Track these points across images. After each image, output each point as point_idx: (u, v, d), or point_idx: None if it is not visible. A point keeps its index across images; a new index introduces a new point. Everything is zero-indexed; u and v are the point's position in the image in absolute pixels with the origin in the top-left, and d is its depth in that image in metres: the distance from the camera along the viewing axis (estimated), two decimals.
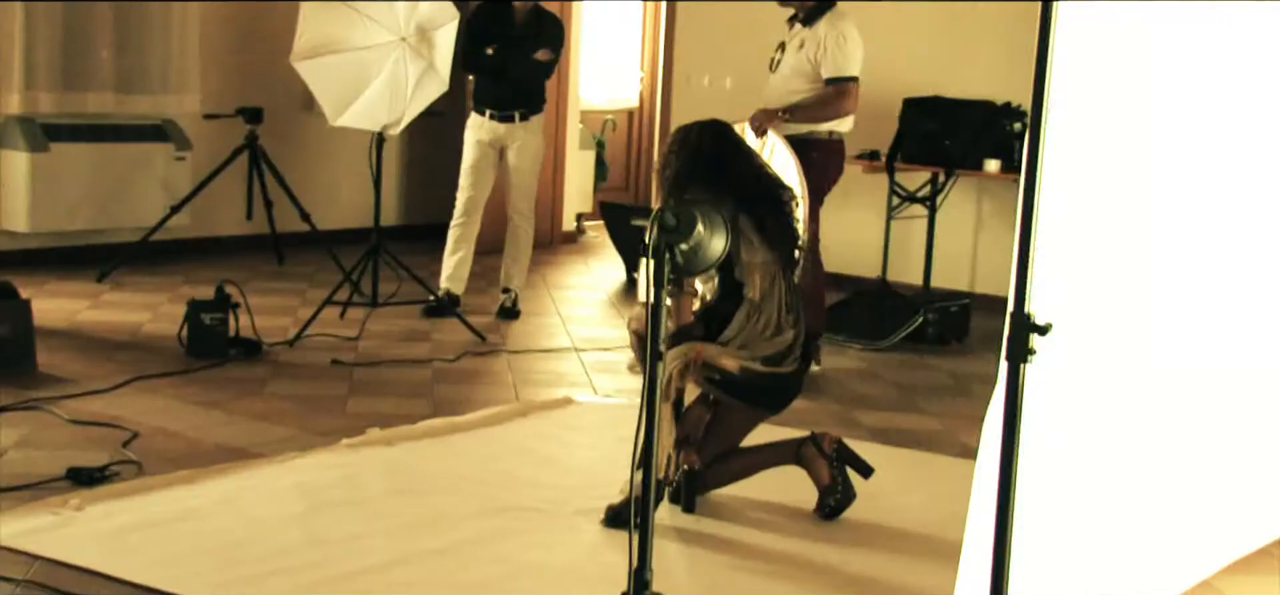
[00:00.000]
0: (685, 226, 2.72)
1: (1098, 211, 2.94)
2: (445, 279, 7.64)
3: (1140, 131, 3.02)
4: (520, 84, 7.53)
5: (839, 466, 4.54)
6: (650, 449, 2.77)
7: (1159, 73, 3.05)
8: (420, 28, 6.92)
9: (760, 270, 4.49)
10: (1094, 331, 3.00)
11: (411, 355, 6.65)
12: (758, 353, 4.44)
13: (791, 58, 6.55)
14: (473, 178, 7.61)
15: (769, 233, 4.52)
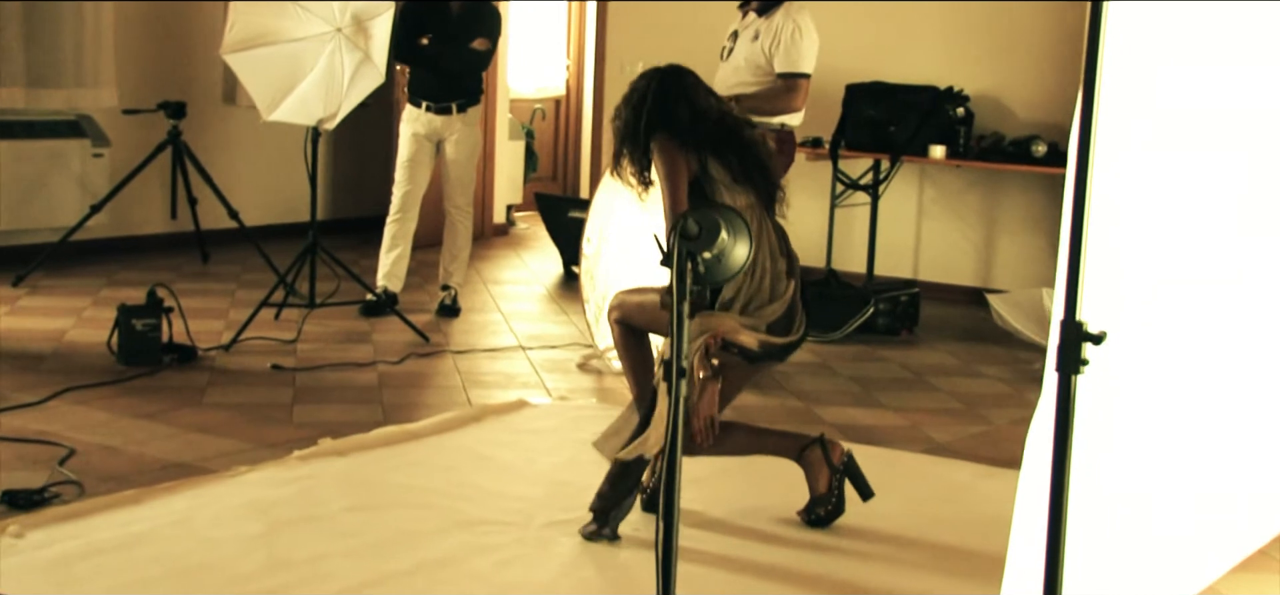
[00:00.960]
0: (708, 234, 2.54)
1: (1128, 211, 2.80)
2: (382, 277, 7.41)
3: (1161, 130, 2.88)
4: (457, 75, 7.31)
5: (839, 479, 4.37)
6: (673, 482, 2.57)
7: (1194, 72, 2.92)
8: (356, 18, 6.67)
9: (745, 214, 4.24)
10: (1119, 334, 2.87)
11: (354, 358, 6.42)
12: (765, 317, 4.22)
13: (745, 47, 6.37)
14: (409, 172, 7.38)
15: (740, 174, 4.32)
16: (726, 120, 4.39)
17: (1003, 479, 4.96)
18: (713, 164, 4.28)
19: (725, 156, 4.31)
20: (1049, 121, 8.07)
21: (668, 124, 4.31)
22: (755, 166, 4.36)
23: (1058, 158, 7.70)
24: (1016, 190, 8.28)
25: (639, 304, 4.53)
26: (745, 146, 4.37)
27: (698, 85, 4.45)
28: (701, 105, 4.38)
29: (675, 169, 4.26)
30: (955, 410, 5.92)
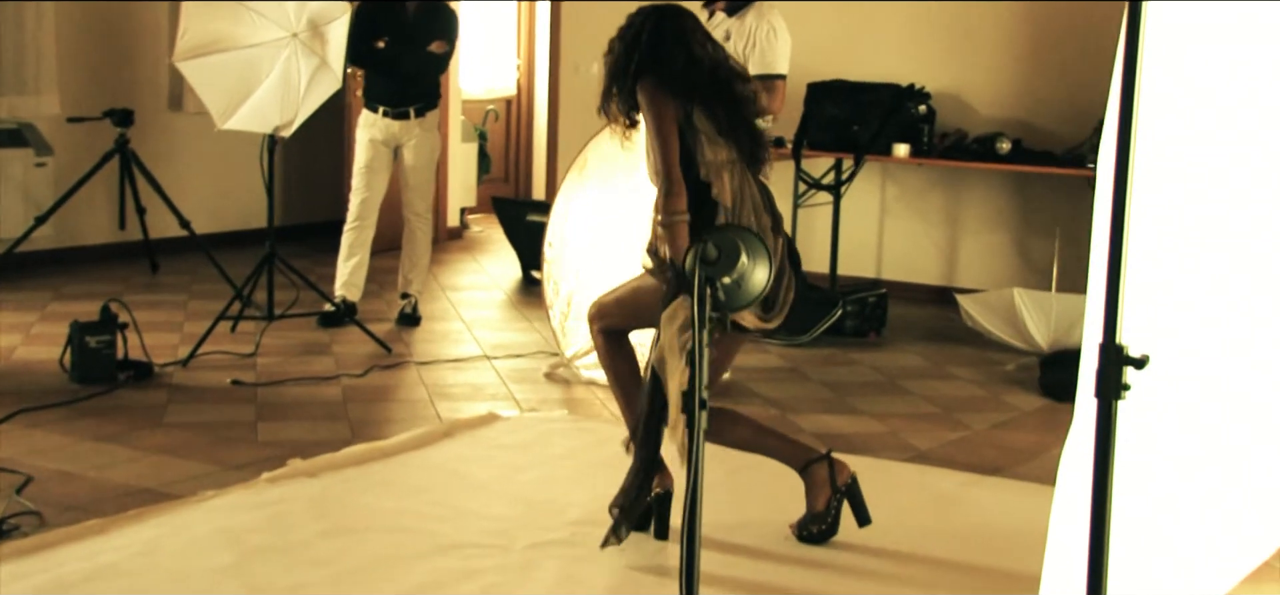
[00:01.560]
0: (728, 258, 2.42)
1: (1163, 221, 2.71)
2: (341, 286, 7.24)
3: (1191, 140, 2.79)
4: (414, 78, 7.16)
5: (838, 500, 4.25)
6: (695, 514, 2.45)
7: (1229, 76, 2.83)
8: (312, 22, 6.51)
9: (728, 170, 4.13)
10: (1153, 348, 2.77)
11: (316, 371, 6.25)
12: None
13: None
14: (366, 179, 7.22)
15: (726, 127, 4.16)
16: (720, 71, 4.21)
17: (988, 487, 4.89)
18: (699, 114, 4.11)
19: (712, 108, 4.14)
20: (1011, 118, 8.02)
21: (660, 67, 4.13)
22: (741, 122, 4.20)
23: (1022, 155, 7.65)
24: (979, 188, 8.22)
25: (618, 301, 4.38)
26: (735, 101, 4.20)
27: (696, 29, 4.25)
28: (697, 52, 4.19)
29: (664, 120, 4.08)
30: (932, 415, 5.84)
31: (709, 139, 4.12)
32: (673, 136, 4.08)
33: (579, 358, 6.28)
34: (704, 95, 4.14)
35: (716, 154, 4.12)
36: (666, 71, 4.13)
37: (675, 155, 4.07)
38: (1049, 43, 7.97)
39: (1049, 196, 7.94)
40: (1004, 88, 8.13)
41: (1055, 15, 7.94)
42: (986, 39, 8.17)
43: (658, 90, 4.11)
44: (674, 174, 4.06)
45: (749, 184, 4.18)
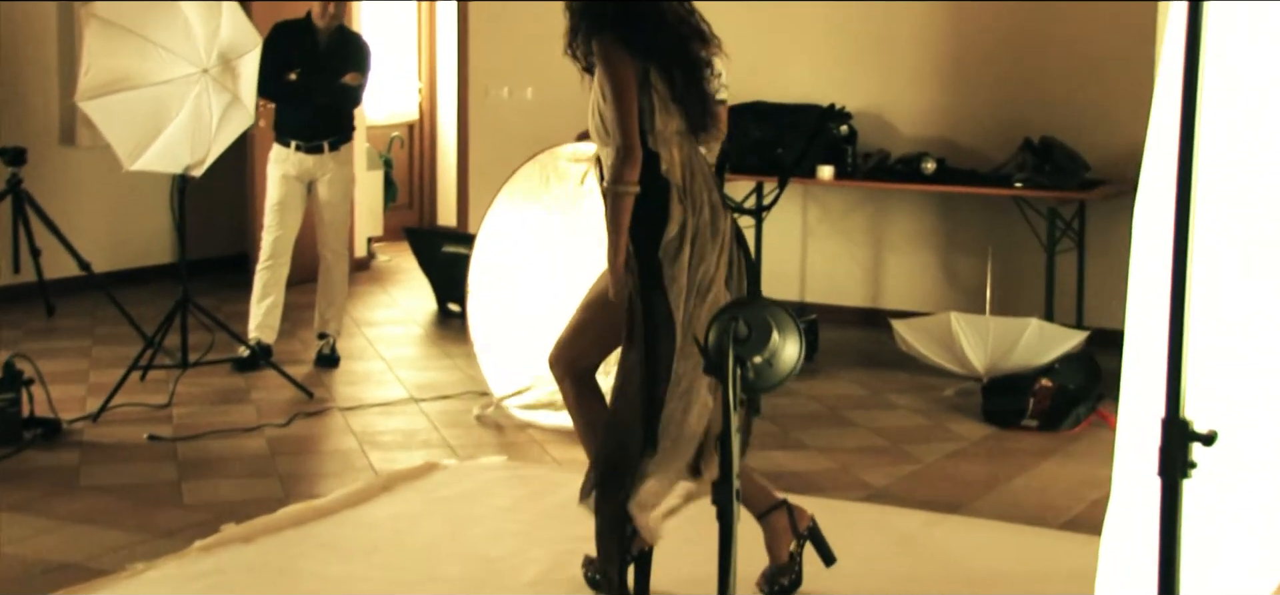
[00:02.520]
0: (759, 336, 2.24)
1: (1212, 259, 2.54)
2: (255, 328, 6.94)
3: None
4: (328, 111, 6.89)
5: (800, 546, 4.08)
6: None
7: None
8: (223, 57, 6.23)
9: (677, 142, 3.91)
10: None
11: (236, 422, 5.97)
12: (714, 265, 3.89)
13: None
14: (280, 216, 6.93)
15: (682, 92, 3.93)
16: (683, 27, 3.97)
17: (949, 526, 4.77)
18: (656, 75, 3.89)
19: (670, 70, 3.92)
20: (934, 137, 7.94)
21: (624, 21, 3.89)
22: (695, 88, 3.97)
23: (947, 174, 7.57)
24: (903, 208, 8.13)
25: (576, 330, 4.12)
26: (691, 63, 3.98)
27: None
28: (665, 7, 3.96)
29: (625, 82, 3.84)
30: (881, 447, 5.71)
31: (661, 102, 3.89)
32: (633, 99, 3.85)
33: (509, 398, 6.06)
34: (663, 55, 3.91)
35: (667, 123, 3.89)
36: (632, 26, 3.88)
37: (635, 120, 3.85)
38: (971, 60, 7.91)
39: (974, 215, 7.87)
40: (926, 106, 8.05)
41: (976, 32, 7.88)
42: (906, 57, 8.08)
43: (616, 48, 3.86)
44: (633, 139, 3.84)
45: (697, 156, 3.98)
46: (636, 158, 3.86)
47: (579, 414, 4.16)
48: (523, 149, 9.03)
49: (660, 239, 3.87)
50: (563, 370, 4.13)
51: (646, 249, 3.89)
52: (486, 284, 6.23)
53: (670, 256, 3.87)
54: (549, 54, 9.01)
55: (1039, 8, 7.70)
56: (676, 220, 3.88)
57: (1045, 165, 7.16)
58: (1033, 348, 6.47)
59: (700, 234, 3.91)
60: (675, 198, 3.89)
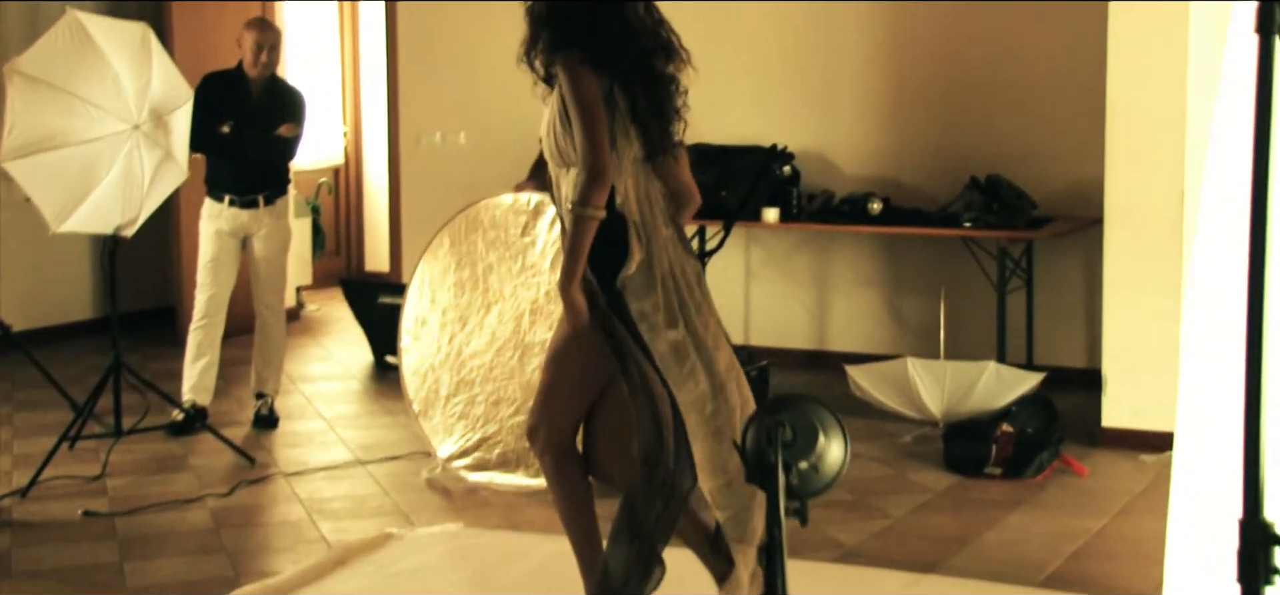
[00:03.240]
0: (805, 440, 2.09)
1: None
2: (190, 389, 6.69)
3: None
4: (263, 164, 6.68)
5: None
6: None
7: None
8: (154, 112, 6.00)
9: (632, 173, 3.74)
10: None
11: (176, 492, 5.72)
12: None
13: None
14: (213, 274, 6.69)
15: (644, 112, 3.73)
16: (647, 40, 3.77)
17: (929, 587, 4.64)
18: (619, 92, 3.71)
19: (633, 88, 3.74)
20: (878, 176, 7.86)
21: (589, 34, 3.71)
22: (657, 109, 3.79)
23: (893, 214, 7.48)
24: (847, 248, 8.04)
25: (550, 388, 3.90)
26: (654, 79, 3.79)
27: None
28: (633, 19, 3.76)
29: (594, 101, 3.66)
30: (847, 502, 5.58)
31: (623, 127, 3.72)
32: (603, 119, 3.67)
33: (454, 458, 5.85)
34: (627, 71, 3.73)
35: (625, 150, 3.72)
36: (598, 40, 3.70)
37: (607, 141, 3.67)
38: (913, 98, 7.83)
39: (920, 255, 7.79)
40: (867, 145, 7.97)
41: (916, 70, 7.81)
42: (847, 95, 8.00)
43: (582, 66, 3.69)
44: (604, 162, 3.65)
45: (654, 186, 3.81)
46: (607, 182, 3.68)
47: (561, 492, 3.94)
48: (456, 195, 8.85)
49: (618, 270, 3.72)
50: (542, 443, 3.93)
51: (607, 279, 3.74)
52: (421, 338, 6.02)
53: (635, 291, 3.71)
54: (482, 98, 8.94)
55: (980, 45, 7.65)
56: (636, 258, 3.72)
57: (992, 204, 7.09)
58: (990, 391, 6.39)
59: (673, 274, 3.75)
60: (633, 234, 3.73)
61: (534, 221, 5.80)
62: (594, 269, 3.74)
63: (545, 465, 3.95)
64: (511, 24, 8.64)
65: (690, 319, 3.78)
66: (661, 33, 3.83)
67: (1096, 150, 7.22)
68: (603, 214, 3.69)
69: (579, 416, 3.92)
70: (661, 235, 3.79)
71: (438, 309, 5.98)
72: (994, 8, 7.59)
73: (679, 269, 3.80)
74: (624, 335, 3.73)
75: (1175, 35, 6.02)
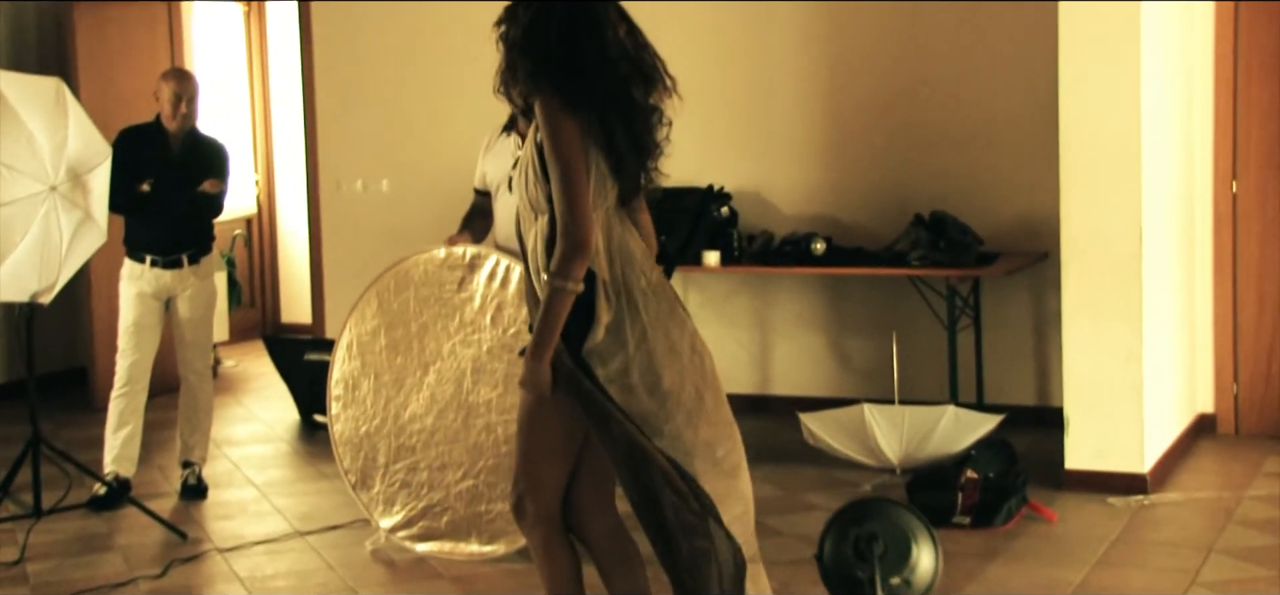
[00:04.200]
0: (897, 552, 1.87)
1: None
2: (112, 461, 6.34)
3: None
4: (186, 222, 6.35)
5: None
6: None
7: None
8: (72, 171, 5.68)
9: (604, 223, 3.50)
10: None
11: (105, 576, 5.38)
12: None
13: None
14: (135, 339, 6.35)
15: (624, 149, 3.49)
16: (623, 66, 3.51)
17: None
18: (596, 128, 3.47)
19: (610, 121, 3.48)
20: (818, 214, 7.69)
21: (567, 63, 3.47)
22: (634, 144, 3.53)
23: (836, 253, 7.31)
24: (788, 289, 7.85)
25: (525, 461, 3.64)
26: (633, 111, 3.53)
27: (615, 13, 3.55)
28: (612, 49, 3.49)
29: (574, 163, 3.43)
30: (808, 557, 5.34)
31: (597, 168, 3.48)
32: (584, 179, 3.44)
33: (399, 530, 5.55)
34: (604, 102, 3.48)
35: (602, 196, 3.49)
36: (575, 75, 3.46)
37: (588, 207, 3.44)
38: (850, 134, 7.66)
39: (864, 295, 7.62)
40: (806, 183, 7.79)
41: (854, 104, 7.64)
42: (782, 132, 7.81)
43: (562, 112, 3.45)
44: (585, 233, 3.42)
45: (630, 235, 3.59)
46: (585, 248, 3.45)
47: (550, 569, 3.68)
48: (380, 245, 8.59)
49: (584, 332, 3.49)
50: (531, 519, 3.66)
51: (574, 343, 3.51)
52: (352, 404, 5.70)
53: (601, 356, 3.49)
54: (404, 144, 8.65)
55: (917, 78, 7.51)
56: (603, 323, 3.49)
57: (939, 241, 6.94)
58: (949, 435, 6.23)
59: (652, 334, 3.52)
60: (601, 294, 3.50)
61: (470, 276, 5.51)
62: None
63: (533, 541, 3.70)
64: (434, 67, 8.49)
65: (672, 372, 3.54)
66: (644, 58, 3.57)
67: (1040, 183, 7.14)
68: (581, 288, 3.46)
69: (563, 482, 3.67)
70: (640, 286, 3.56)
71: (370, 373, 5.66)
72: (931, 42, 7.46)
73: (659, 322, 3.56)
74: (597, 394, 3.50)
75: (1127, 67, 5.94)
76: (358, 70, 8.70)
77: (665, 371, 3.53)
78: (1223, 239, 6.88)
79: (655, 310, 3.57)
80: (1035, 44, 7.12)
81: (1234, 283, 6.88)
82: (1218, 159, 6.87)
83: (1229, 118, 6.84)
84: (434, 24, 8.48)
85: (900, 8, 7.50)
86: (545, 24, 3.51)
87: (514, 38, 3.55)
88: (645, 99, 3.57)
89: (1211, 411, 6.97)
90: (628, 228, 3.62)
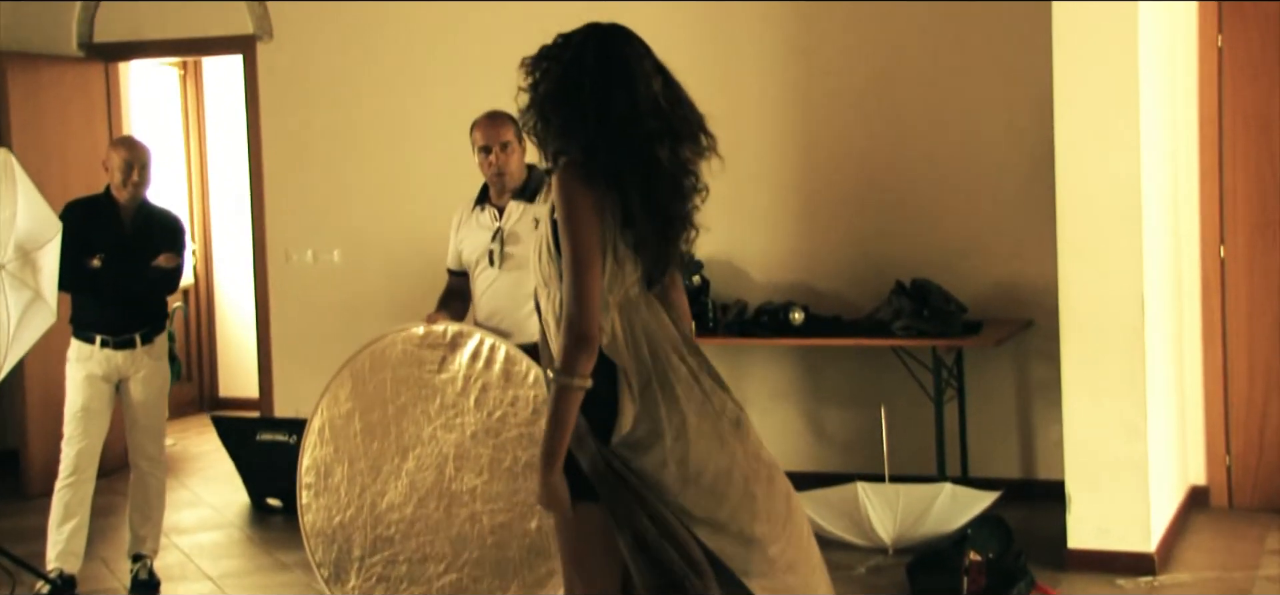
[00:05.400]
0: None
1: None
2: (56, 557, 5.92)
3: None
4: (138, 299, 5.98)
5: None
6: None
7: None
8: (20, 250, 5.33)
9: (619, 309, 3.21)
10: None
11: None
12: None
13: (530, 240, 5.24)
14: (83, 424, 5.95)
15: (640, 226, 3.18)
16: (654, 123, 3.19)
17: None
18: (614, 204, 3.17)
19: (629, 192, 3.17)
20: (791, 282, 7.44)
21: (598, 120, 3.18)
22: (658, 218, 3.21)
23: (814, 324, 7.06)
24: (763, 360, 7.58)
25: (572, 567, 3.30)
26: (658, 176, 3.19)
27: (647, 60, 3.24)
28: (643, 104, 3.18)
29: (588, 249, 3.13)
30: None
31: (614, 251, 3.18)
32: (595, 256, 3.14)
33: None
34: (628, 163, 3.17)
35: (618, 277, 3.19)
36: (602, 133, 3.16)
37: (597, 297, 3.14)
38: (824, 199, 7.42)
39: (843, 364, 7.37)
40: (779, 250, 7.54)
41: (828, 169, 7.42)
42: (754, 198, 7.55)
43: (577, 182, 3.16)
44: (590, 326, 3.12)
45: (655, 314, 3.26)
46: (592, 342, 3.14)
47: None
48: (332, 318, 8.24)
49: (611, 427, 3.18)
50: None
51: (599, 433, 3.20)
52: (323, 493, 5.34)
53: (635, 449, 3.18)
54: (357, 212, 8.30)
55: (892, 142, 7.30)
56: (628, 415, 3.18)
57: (923, 310, 6.72)
58: (946, 514, 6.00)
59: (692, 424, 3.20)
60: (623, 387, 3.19)
61: (452, 355, 5.17)
62: (584, 415, 3.21)
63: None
64: (389, 132, 8.16)
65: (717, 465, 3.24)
66: (678, 113, 3.26)
67: (1022, 247, 6.97)
68: (589, 384, 3.15)
69: (618, 571, 3.30)
70: (676, 372, 3.26)
71: (344, 459, 5.31)
72: (906, 103, 7.26)
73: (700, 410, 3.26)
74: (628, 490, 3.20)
75: (1127, 130, 5.75)
76: (307, 134, 8.36)
77: (708, 464, 3.24)
78: (1211, 305, 6.71)
79: (695, 398, 3.27)
80: (1015, 103, 6.96)
81: (1224, 350, 6.70)
82: (1204, 222, 6.71)
83: (1215, 180, 6.68)
84: (388, 87, 8.17)
85: (874, 68, 7.30)
86: (577, 73, 3.21)
87: (546, 92, 3.25)
88: (675, 160, 3.26)
89: (1203, 484, 6.78)
90: (655, 310, 3.31)
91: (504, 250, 5.29)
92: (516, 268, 5.23)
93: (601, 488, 3.22)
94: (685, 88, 3.34)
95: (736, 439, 3.29)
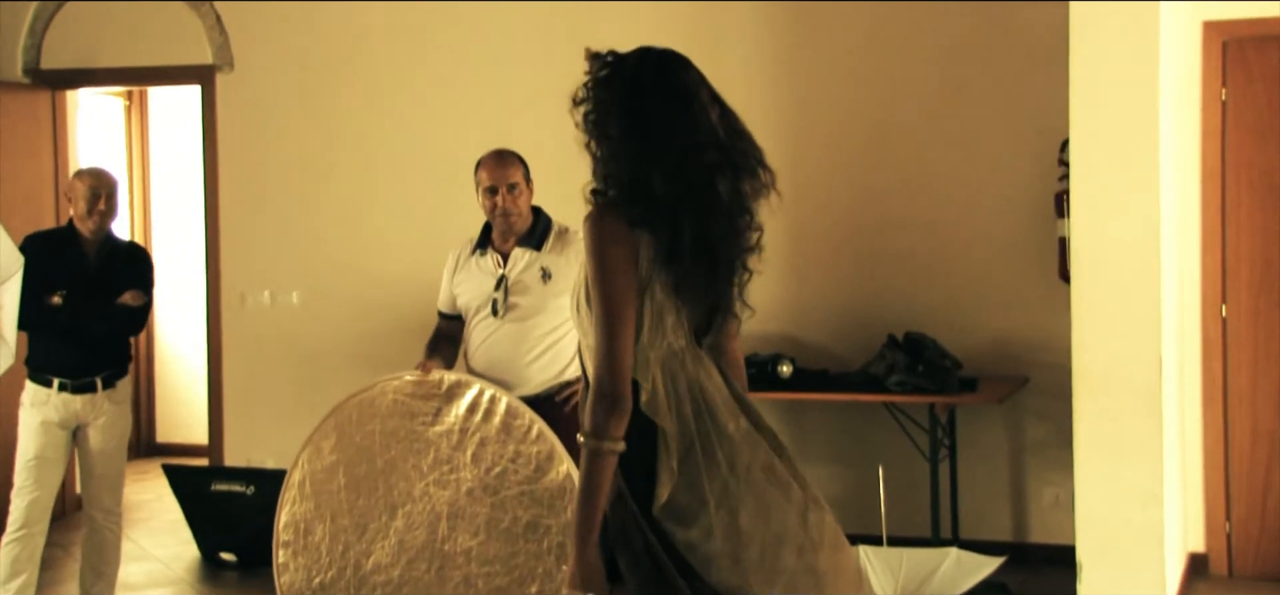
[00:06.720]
0: None
1: None
2: None
3: None
4: (101, 340, 5.59)
5: None
6: None
7: None
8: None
9: (661, 362, 2.93)
10: None
11: None
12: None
13: (541, 288, 4.93)
14: (36, 474, 5.55)
15: (684, 264, 2.91)
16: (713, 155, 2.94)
17: None
18: (647, 242, 2.89)
19: (680, 229, 2.89)
20: (776, 334, 7.17)
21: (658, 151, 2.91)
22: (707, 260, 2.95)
23: (800, 378, 6.80)
24: None
25: None
26: (714, 212, 2.93)
27: (704, 88, 3.01)
28: (702, 129, 2.95)
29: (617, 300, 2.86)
30: None
31: (653, 298, 2.91)
32: (628, 308, 2.87)
33: None
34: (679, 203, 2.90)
35: (658, 328, 2.92)
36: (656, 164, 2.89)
37: (627, 343, 2.86)
38: (812, 250, 7.18)
39: (828, 420, 7.11)
40: (763, 300, 7.22)
41: (815, 219, 7.17)
42: None
43: (613, 228, 2.88)
44: (622, 385, 2.84)
45: (703, 368, 2.98)
46: (625, 403, 2.85)
47: None
48: (290, 364, 7.86)
49: (651, 493, 2.89)
50: None
51: (641, 498, 2.90)
52: (303, 551, 4.98)
53: (677, 517, 2.88)
54: (314, 252, 7.93)
55: (881, 192, 7.09)
56: (666, 485, 2.88)
57: (918, 365, 6.48)
58: (950, 579, 5.72)
59: (737, 491, 2.91)
60: (661, 450, 2.89)
61: (448, 406, 4.84)
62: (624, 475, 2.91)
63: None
64: (351, 168, 7.81)
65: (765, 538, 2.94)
66: (738, 145, 3.00)
67: (1016, 302, 6.79)
68: (621, 447, 2.86)
69: None
70: (724, 432, 2.97)
71: (325, 515, 4.96)
72: (898, 153, 7.05)
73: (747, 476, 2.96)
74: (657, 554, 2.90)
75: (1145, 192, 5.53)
76: (268, 170, 7.99)
77: (755, 537, 2.93)
78: (1212, 366, 6.53)
79: (743, 462, 2.97)
80: (1012, 153, 6.77)
81: (1225, 413, 6.51)
82: (1206, 280, 6.53)
83: (1217, 237, 6.51)
84: (354, 122, 7.83)
85: (866, 115, 7.09)
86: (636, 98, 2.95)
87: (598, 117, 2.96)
88: (734, 195, 2.99)
89: (1202, 551, 6.58)
90: (704, 365, 3.01)
91: (508, 300, 4.96)
92: (520, 319, 4.92)
93: (632, 576, 2.92)
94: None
95: (787, 506, 2.98)
